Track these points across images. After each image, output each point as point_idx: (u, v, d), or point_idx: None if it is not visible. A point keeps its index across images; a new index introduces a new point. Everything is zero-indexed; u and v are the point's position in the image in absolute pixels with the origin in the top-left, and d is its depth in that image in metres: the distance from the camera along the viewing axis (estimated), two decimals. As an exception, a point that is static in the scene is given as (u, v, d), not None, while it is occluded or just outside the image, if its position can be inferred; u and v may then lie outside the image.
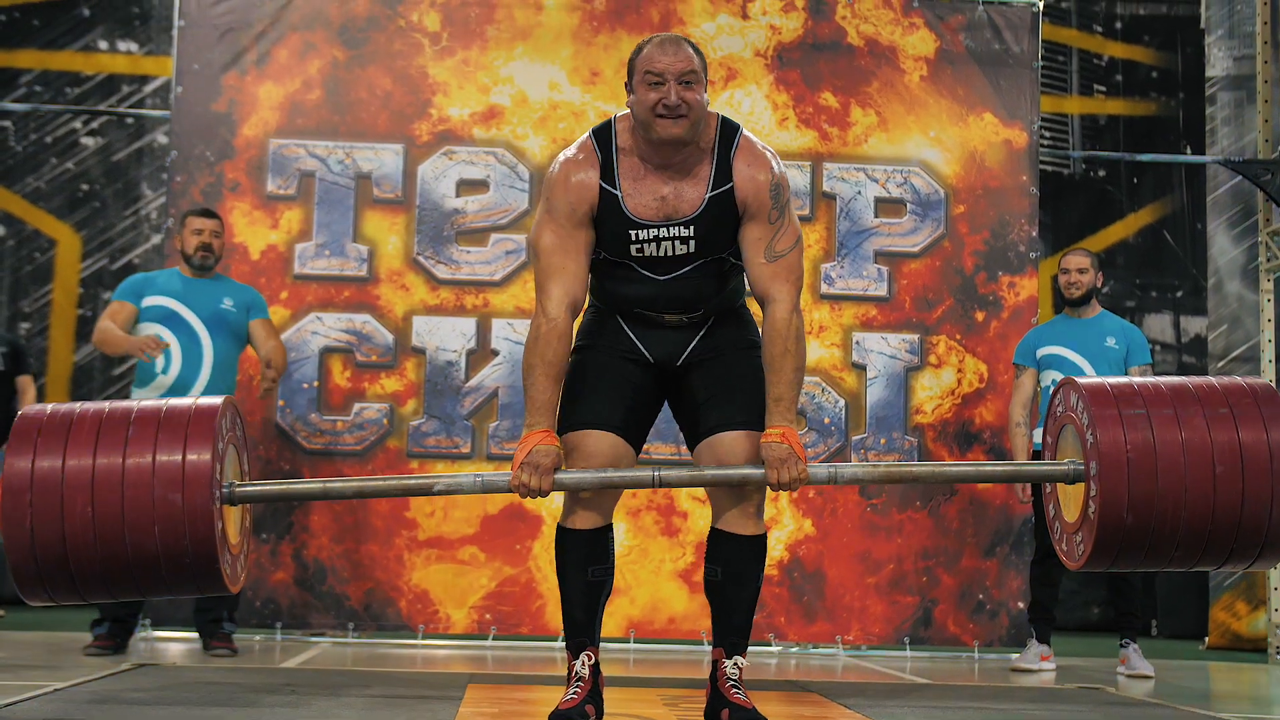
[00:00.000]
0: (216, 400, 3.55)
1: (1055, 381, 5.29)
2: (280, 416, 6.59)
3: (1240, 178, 7.61)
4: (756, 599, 3.75)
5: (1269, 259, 7.30)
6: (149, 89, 8.68)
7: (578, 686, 3.64)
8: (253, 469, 3.93)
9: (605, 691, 3.76)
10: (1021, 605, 6.64)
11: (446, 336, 6.73)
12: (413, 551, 6.61)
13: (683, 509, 6.64)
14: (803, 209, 6.86)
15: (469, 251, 6.79)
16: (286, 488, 3.99)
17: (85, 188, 8.61)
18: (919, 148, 6.96)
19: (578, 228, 3.63)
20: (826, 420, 6.79)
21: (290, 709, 3.91)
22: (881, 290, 6.89)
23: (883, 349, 6.86)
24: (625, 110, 3.69)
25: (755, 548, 3.71)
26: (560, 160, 3.69)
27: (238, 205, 6.68)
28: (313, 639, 6.54)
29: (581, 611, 3.69)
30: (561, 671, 3.87)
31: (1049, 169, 8.90)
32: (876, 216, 6.93)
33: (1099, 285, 6.25)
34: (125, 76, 8.68)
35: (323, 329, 6.68)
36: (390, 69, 6.83)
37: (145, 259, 8.47)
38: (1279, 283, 7.33)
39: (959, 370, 6.86)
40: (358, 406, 6.66)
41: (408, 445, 6.64)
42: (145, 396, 5.67)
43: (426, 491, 3.72)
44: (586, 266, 3.66)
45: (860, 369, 6.85)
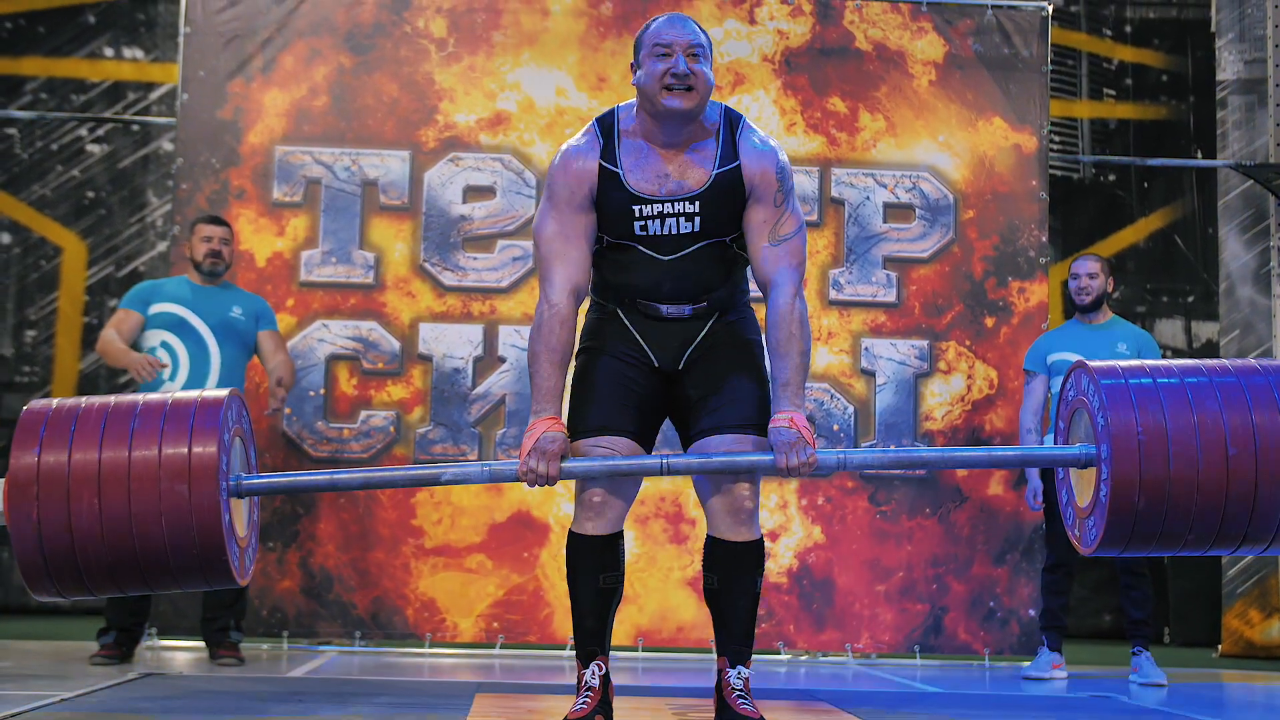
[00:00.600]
0: (222, 392, 3.54)
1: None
2: (287, 424, 6.57)
3: (1252, 182, 7.57)
4: (757, 606, 3.72)
5: (1281, 263, 7.27)
6: (155, 96, 8.66)
7: (587, 696, 3.61)
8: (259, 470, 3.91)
9: (614, 701, 3.73)
10: (1033, 613, 6.61)
11: (453, 344, 6.71)
12: (420, 560, 6.59)
13: (691, 516, 6.61)
14: (811, 214, 6.83)
15: (476, 258, 6.77)
16: (294, 480, 4.02)
17: (91, 195, 8.59)
18: (928, 153, 6.93)
19: (578, 212, 3.62)
20: (835, 427, 6.76)
21: (297, 719, 3.88)
22: (890, 296, 6.86)
23: (892, 355, 6.82)
24: (628, 101, 3.71)
25: (752, 553, 3.68)
26: (562, 149, 3.71)
27: (244, 212, 6.66)
28: (319, 648, 6.51)
29: (592, 619, 3.66)
30: (570, 680, 3.85)
31: (1059, 173, 8.86)
32: (885, 222, 6.90)
33: (1110, 290, 6.22)
34: (131, 83, 8.66)
35: (329, 336, 6.66)
36: (396, 75, 6.81)
37: (151, 266, 8.45)
38: (1291, 287, 7.30)
39: (969, 376, 6.83)
40: (364, 414, 6.64)
41: (414, 453, 6.61)
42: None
43: (434, 481, 3.72)
44: (589, 253, 3.65)
45: (869, 375, 6.81)
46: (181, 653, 6.28)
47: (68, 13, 8.65)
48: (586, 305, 3.85)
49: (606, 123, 3.68)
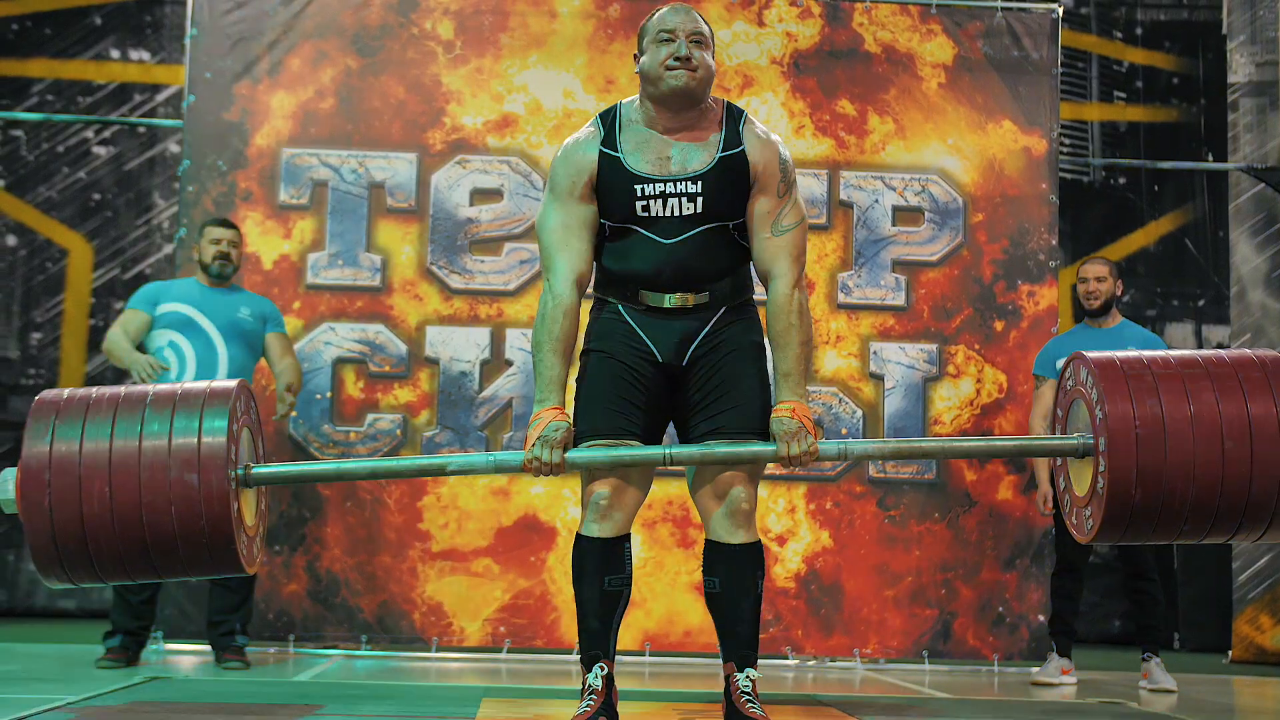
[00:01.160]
0: (231, 383, 3.60)
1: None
2: (293, 427, 6.55)
3: (1263, 185, 7.55)
4: (759, 608, 3.74)
5: (1292, 267, 7.24)
6: (161, 98, 8.66)
7: (591, 699, 3.62)
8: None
9: (621, 705, 3.74)
10: (1042, 618, 6.58)
11: (460, 347, 6.69)
12: (426, 564, 6.57)
13: (698, 521, 6.56)
14: (819, 217, 6.81)
15: (483, 261, 6.75)
16: (301, 470, 4.07)
17: (97, 197, 8.59)
18: (937, 155, 6.90)
19: (579, 202, 3.68)
20: (844, 431, 6.73)
21: (301, 724, 3.88)
22: (899, 300, 6.83)
23: (900, 359, 6.80)
24: (631, 97, 3.79)
25: (749, 555, 3.70)
26: (563, 143, 3.78)
27: (250, 215, 6.64)
28: (325, 652, 6.49)
29: (596, 622, 3.67)
30: (577, 684, 3.84)
31: (1069, 176, 8.84)
32: (894, 225, 6.87)
33: (1119, 294, 6.19)
34: (137, 85, 8.66)
35: (335, 339, 6.64)
36: (404, 77, 6.79)
37: (157, 269, 8.45)
38: (1302, 291, 7.27)
39: (978, 380, 6.80)
40: (371, 417, 6.62)
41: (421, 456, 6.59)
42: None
43: (440, 471, 3.76)
44: (591, 244, 3.71)
45: (878, 379, 6.78)
46: (187, 656, 6.26)
47: (74, 14, 8.65)
48: (590, 305, 3.86)
49: (609, 114, 3.75)
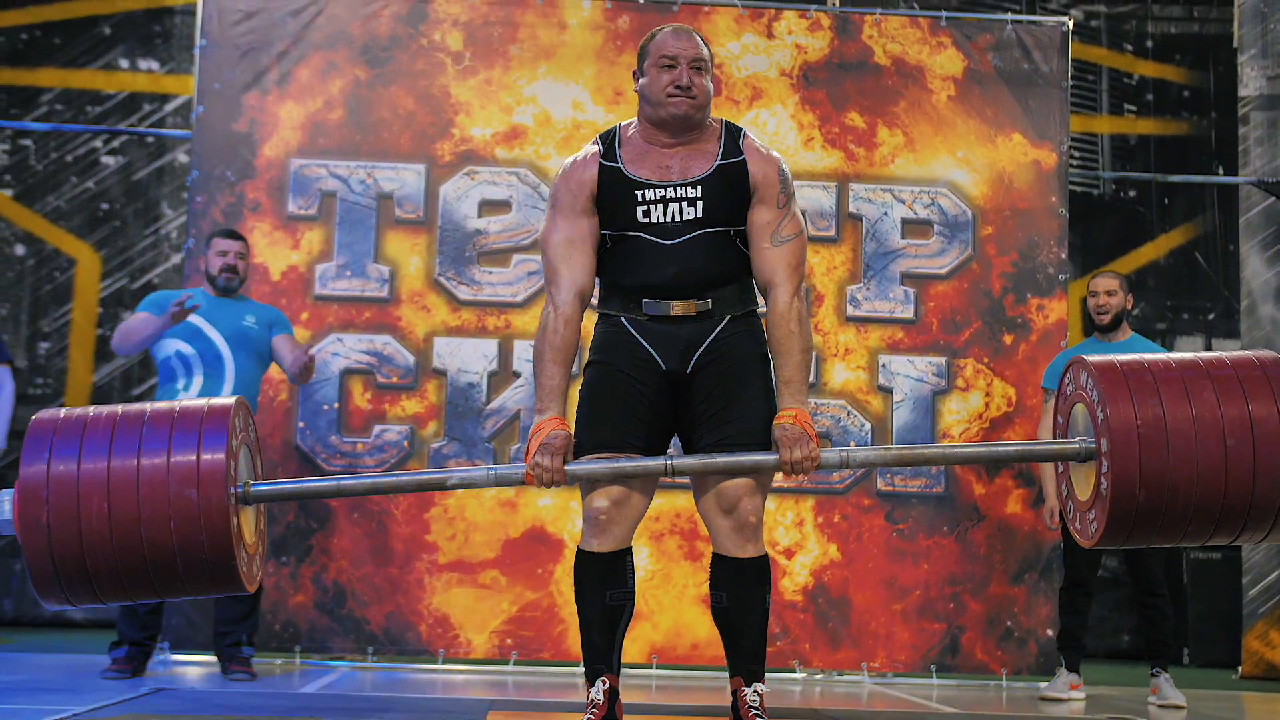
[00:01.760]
0: (229, 400, 3.59)
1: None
2: (300, 438, 6.54)
3: (1273, 198, 7.53)
4: (766, 622, 3.75)
5: (1302, 281, 7.22)
6: (170, 108, 8.66)
7: (592, 713, 3.65)
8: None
9: (627, 718, 3.74)
10: (1050, 633, 6.55)
11: (468, 358, 6.68)
12: (433, 575, 6.55)
13: (705, 533, 6.55)
14: (828, 230, 6.79)
15: (491, 272, 6.74)
16: (300, 486, 4.04)
17: (105, 207, 8.59)
18: (946, 168, 6.89)
19: (581, 216, 3.75)
20: (852, 444, 6.71)
21: (306, 736, 3.87)
22: (908, 312, 6.82)
23: (909, 372, 6.78)
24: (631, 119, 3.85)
25: (756, 569, 3.72)
26: (564, 162, 3.85)
27: (258, 225, 6.64)
28: (332, 663, 6.48)
29: (599, 635, 3.69)
30: (584, 697, 3.83)
31: (1078, 190, 8.82)
32: (903, 238, 6.86)
33: (1129, 308, 6.18)
34: (146, 95, 8.67)
35: (343, 350, 6.63)
36: (412, 89, 6.79)
37: (165, 278, 8.45)
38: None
39: (987, 394, 6.78)
40: (378, 428, 6.61)
41: (428, 467, 6.57)
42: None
43: (440, 486, 3.78)
44: (593, 257, 3.77)
45: (886, 392, 6.77)
46: (194, 667, 6.26)
47: (83, 24, 8.67)
48: (594, 321, 3.87)
49: (609, 133, 3.83)
